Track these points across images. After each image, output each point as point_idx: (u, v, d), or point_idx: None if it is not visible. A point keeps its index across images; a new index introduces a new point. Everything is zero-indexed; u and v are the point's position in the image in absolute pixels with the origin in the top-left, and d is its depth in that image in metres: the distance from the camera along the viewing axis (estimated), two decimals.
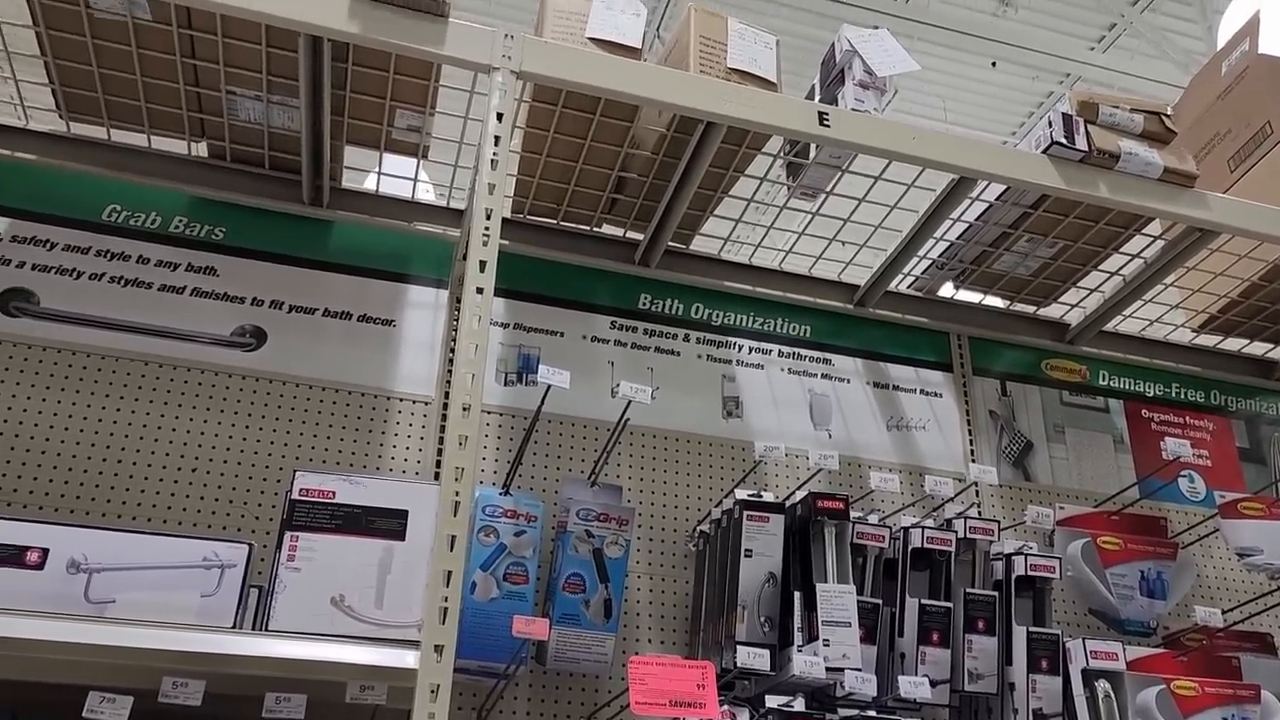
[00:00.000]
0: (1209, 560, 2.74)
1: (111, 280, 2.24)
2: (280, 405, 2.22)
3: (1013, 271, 2.75)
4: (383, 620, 1.57)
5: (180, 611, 1.52)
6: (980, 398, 2.82)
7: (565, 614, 2.04)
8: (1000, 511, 2.63)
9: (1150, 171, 2.30)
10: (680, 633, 2.28)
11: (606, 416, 2.42)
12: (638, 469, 2.42)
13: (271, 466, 2.15)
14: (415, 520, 1.65)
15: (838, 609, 1.95)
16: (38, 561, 1.50)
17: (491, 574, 2.01)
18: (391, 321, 2.39)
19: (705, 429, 2.52)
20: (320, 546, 1.60)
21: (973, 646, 2.05)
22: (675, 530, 2.38)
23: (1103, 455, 2.85)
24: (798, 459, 2.54)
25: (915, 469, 2.62)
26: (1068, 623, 2.51)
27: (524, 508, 2.08)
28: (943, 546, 2.11)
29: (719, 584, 2.09)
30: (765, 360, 2.68)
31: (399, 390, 2.31)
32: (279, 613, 1.54)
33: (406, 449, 2.26)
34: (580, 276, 2.60)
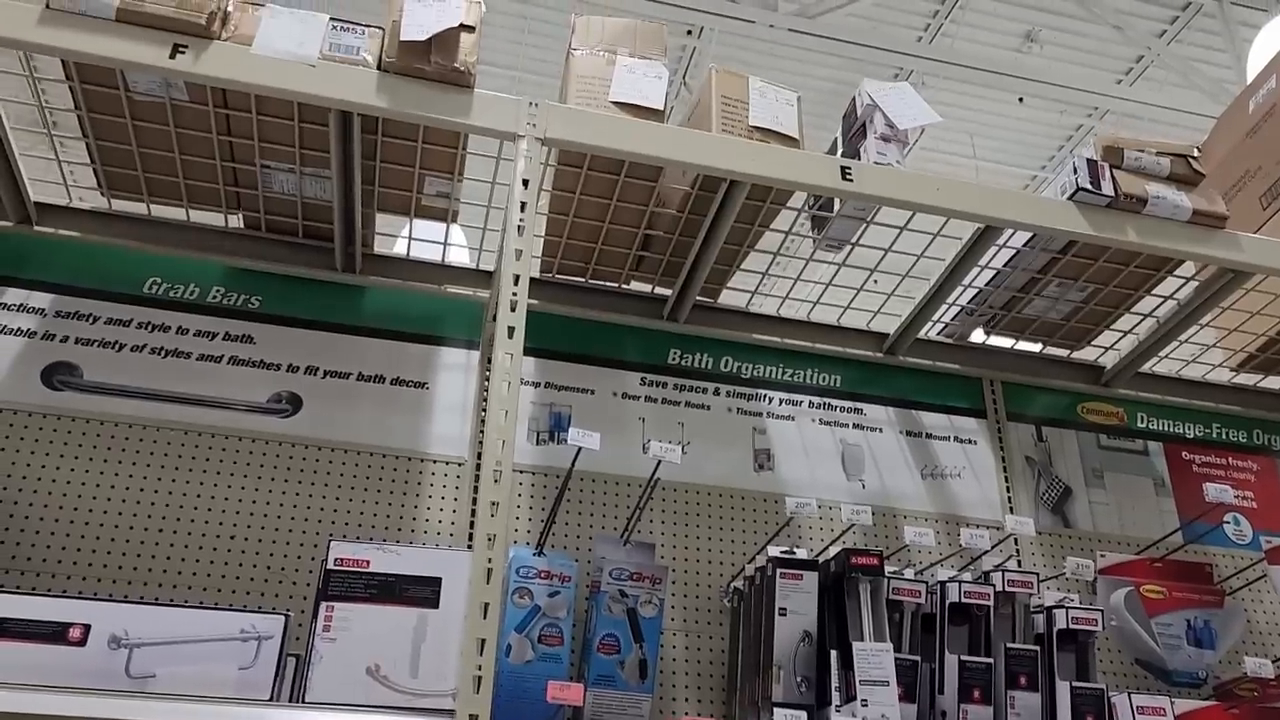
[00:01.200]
0: (1259, 606, 2.68)
1: (152, 351, 2.29)
2: (316, 470, 2.25)
3: (1044, 316, 2.73)
4: (418, 689, 1.58)
5: (219, 684, 1.54)
6: (1015, 443, 2.79)
7: (600, 675, 2.03)
8: (1040, 560, 2.59)
9: (1179, 214, 2.29)
10: (717, 690, 2.26)
11: (638, 473, 2.43)
12: (670, 525, 2.42)
13: (308, 532, 2.18)
14: (449, 587, 1.66)
15: (875, 668, 1.93)
16: (80, 638, 1.52)
17: (526, 636, 2.01)
18: (424, 384, 2.42)
19: (737, 482, 2.52)
20: (355, 616, 1.62)
21: (1016, 703, 2.02)
22: (709, 586, 2.37)
23: (1144, 499, 2.80)
24: (831, 510, 2.53)
25: (951, 518, 2.60)
26: (1113, 674, 2.46)
27: (558, 568, 2.09)
28: (981, 600, 2.08)
29: (754, 643, 2.08)
30: (796, 411, 2.67)
31: (432, 452, 2.34)
32: (316, 684, 1.56)
33: (441, 510, 2.28)
34: (610, 333, 2.63)
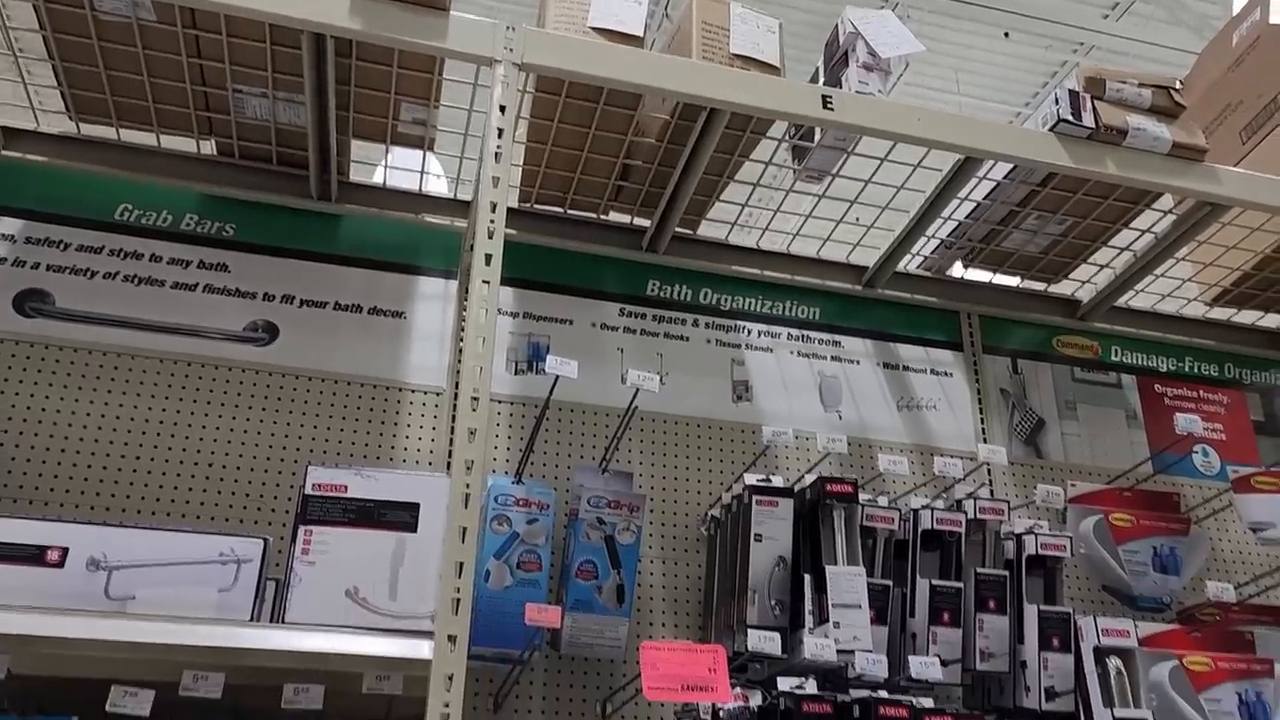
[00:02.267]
0: (1224, 535, 2.74)
1: (125, 279, 2.27)
2: (293, 399, 2.24)
3: (1022, 249, 2.74)
4: (397, 612, 1.59)
5: (198, 606, 1.55)
6: (991, 376, 2.82)
7: (578, 600, 2.06)
8: (1012, 489, 2.63)
9: (1159, 146, 2.29)
10: (693, 616, 2.30)
11: (616, 403, 2.44)
12: (648, 455, 2.44)
13: (286, 460, 2.18)
14: (427, 512, 1.67)
15: (848, 591, 1.96)
16: (58, 560, 1.53)
17: (505, 562, 2.03)
18: (402, 313, 2.41)
19: (715, 413, 2.54)
20: (334, 540, 1.63)
21: (984, 626, 2.07)
22: (687, 515, 2.40)
23: (1115, 431, 2.84)
24: (807, 442, 2.55)
25: (926, 449, 2.63)
26: (1081, 600, 2.52)
27: (536, 496, 2.10)
28: (953, 527, 2.12)
29: (730, 569, 2.11)
30: (774, 343, 2.68)
31: (410, 381, 2.34)
32: (295, 606, 1.57)
33: (419, 439, 2.29)
34: (588, 264, 2.62)
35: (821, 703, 1.85)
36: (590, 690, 2.18)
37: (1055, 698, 2.02)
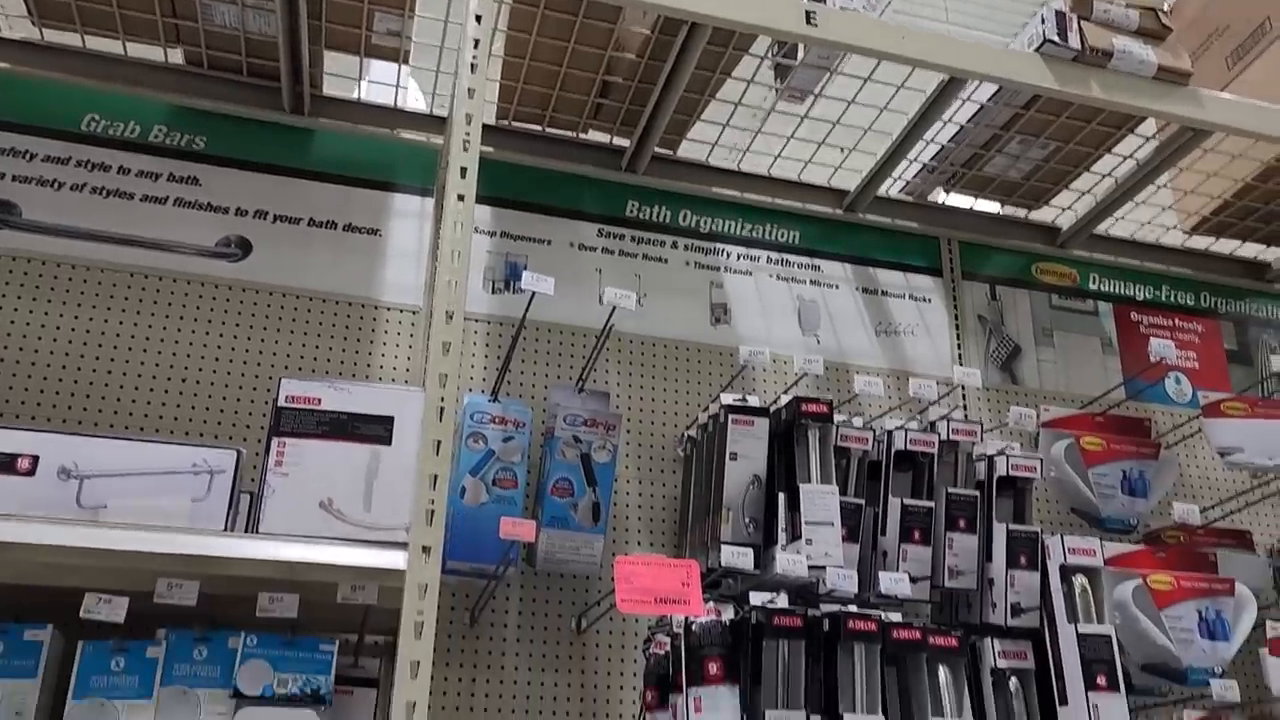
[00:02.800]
0: (1192, 460, 2.78)
1: (93, 191, 2.22)
2: (267, 315, 2.22)
3: (1004, 174, 2.72)
4: (371, 523, 1.60)
5: (171, 516, 1.55)
6: (969, 302, 2.82)
7: (554, 517, 2.08)
8: (985, 414, 2.66)
9: (1144, 70, 2.26)
10: (668, 535, 2.32)
11: (594, 323, 2.43)
12: (626, 376, 2.44)
13: (261, 376, 2.17)
14: (401, 426, 1.66)
15: (820, 509, 1.98)
16: (28, 469, 1.52)
17: (481, 479, 2.04)
18: (377, 231, 2.38)
19: (693, 335, 2.53)
20: (308, 452, 1.62)
21: (953, 544, 2.10)
22: (663, 436, 2.41)
23: (1090, 358, 2.86)
24: (784, 364, 2.56)
25: (902, 374, 2.64)
26: (1050, 522, 2.56)
27: (512, 414, 2.10)
28: (925, 448, 2.14)
29: (705, 487, 2.13)
30: (754, 267, 2.67)
31: (386, 300, 2.32)
32: (268, 516, 1.57)
33: (396, 358, 2.28)
34: (567, 184, 2.58)
35: (792, 616, 1.89)
36: (566, 606, 2.21)
37: (1021, 614, 2.06)
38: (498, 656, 2.14)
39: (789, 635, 1.88)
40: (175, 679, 1.58)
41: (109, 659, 1.57)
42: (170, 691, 1.57)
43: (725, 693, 1.85)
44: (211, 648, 1.61)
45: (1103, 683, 1.97)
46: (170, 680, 1.58)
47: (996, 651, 2.05)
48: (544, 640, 2.17)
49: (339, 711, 1.81)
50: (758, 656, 1.87)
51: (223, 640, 1.62)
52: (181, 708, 1.56)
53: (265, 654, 1.61)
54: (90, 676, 1.56)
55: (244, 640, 1.61)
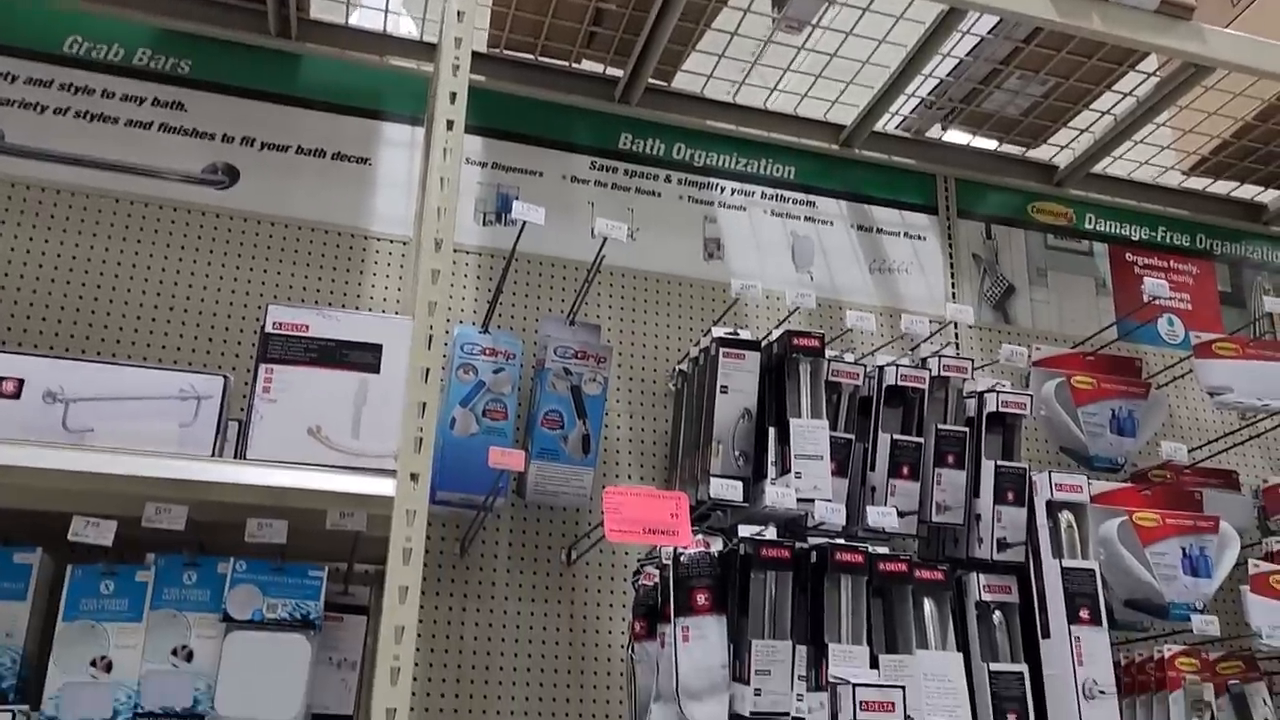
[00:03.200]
0: (1182, 401, 2.78)
1: (76, 115, 2.18)
2: (255, 244, 2.20)
3: (1002, 111, 2.69)
4: (359, 450, 1.59)
5: (159, 441, 1.54)
6: (964, 241, 2.80)
7: (544, 449, 2.08)
8: (977, 353, 2.65)
9: (1146, 3, 2.22)
10: (658, 470, 2.33)
11: (585, 257, 2.41)
12: (617, 310, 2.43)
13: (249, 305, 2.15)
14: (389, 354, 1.65)
15: (810, 443, 1.99)
16: (13, 391, 1.51)
17: (471, 410, 2.04)
18: (367, 160, 2.35)
19: (685, 270, 2.52)
20: (295, 379, 1.61)
21: (942, 480, 2.10)
22: (655, 370, 2.40)
23: (1084, 299, 2.86)
24: (777, 300, 2.54)
25: (896, 311, 2.63)
26: (1038, 461, 2.57)
27: (503, 345, 2.10)
28: (916, 384, 2.13)
29: (695, 420, 2.12)
30: (748, 202, 2.65)
31: (375, 230, 2.29)
32: (256, 442, 1.57)
33: (385, 289, 2.26)
34: (559, 114, 2.55)
35: (780, 548, 1.90)
36: (555, 538, 2.22)
37: (1006, 549, 2.08)
38: (487, 587, 2.15)
39: (777, 567, 1.89)
40: (165, 602, 1.59)
41: (98, 582, 1.57)
42: (160, 614, 1.58)
43: (712, 623, 1.87)
44: (201, 572, 1.62)
45: (1085, 616, 1.99)
46: (160, 604, 1.59)
47: (981, 585, 2.07)
48: (533, 571, 2.19)
49: (329, 638, 1.82)
50: (745, 588, 1.89)
51: (212, 565, 1.62)
52: (171, 630, 1.57)
53: (254, 579, 1.62)
54: (80, 599, 1.56)
55: (233, 565, 1.62)
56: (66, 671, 1.52)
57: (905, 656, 1.92)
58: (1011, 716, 1.96)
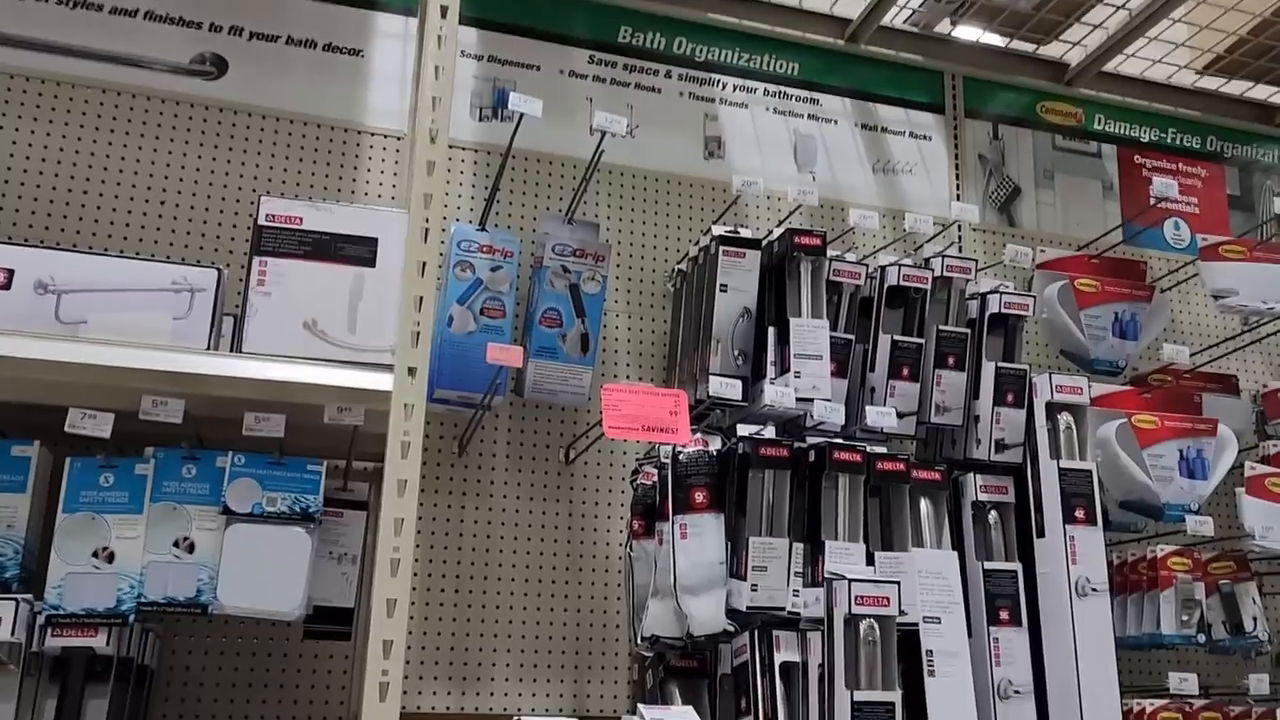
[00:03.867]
0: (1185, 306, 2.77)
1: (59, 1, 2.11)
2: (247, 137, 2.15)
3: (1014, 4, 2.61)
4: (356, 345, 1.58)
5: (152, 334, 1.52)
6: (970, 141, 2.75)
7: (542, 347, 2.07)
8: (982, 257, 2.62)
9: None
10: (657, 370, 2.32)
11: (584, 154, 2.34)
12: (615, 209, 2.39)
13: (241, 200, 2.11)
14: (385, 248, 1.62)
15: (810, 342, 1.97)
16: (4, 282, 1.48)
17: (468, 308, 2.02)
18: (359, 52, 2.28)
19: (685, 169, 2.47)
20: (290, 272, 1.59)
21: (941, 381, 2.10)
22: (654, 271, 2.38)
23: (1090, 202, 2.82)
24: (778, 201, 2.50)
25: (899, 213, 2.59)
26: (1038, 366, 2.56)
27: (500, 243, 2.07)
28: (918, 284, 2.11)
29: (695, 319, 2.11)
30: (750, 99, 2.58)
31: (370, 124, 2.24)
32: (252, 336, 1.55)
33: (380, 184, 2.22)
34: (557, 6, 2.47)
35: (779, 447, 1.90)
36: (554, 437, 2.22)
37: (1005, 450, 2.08)
38: (486, 485, 2.16)
39: (775, 466, 1.90)
40: (165, 495, 1.59)
41: (97, 475, 1.57)
42: (160, 507, 1.58)
43: (710, 520, 1.89)
44: (200, 466, 1.62)
45: (1081, 516, 2.00)
46: (160, 497, 1.59)
47: (978, 486, 2.08)
48: (532, 470, 2.20)
49: (330, 532, 1.84)
50: (743, 486, 1.89)
51: (211, 459, 1.62)
52: (172, 522, 1.58)
53: (253, 473, 1.62)
54: (79, 491, 1.56)
55: (232, 459, 1.61)
56: (69, 562, 1.53)
57: (901, 554, 1.94)
58: (1004, 613, 1.99)
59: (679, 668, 1.96)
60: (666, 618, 1.88)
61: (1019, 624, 1.99)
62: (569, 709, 2.09)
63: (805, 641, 1.82)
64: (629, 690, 2.12)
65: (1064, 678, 1.93)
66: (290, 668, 1.95)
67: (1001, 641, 1.97)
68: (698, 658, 1.96)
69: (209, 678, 1.91)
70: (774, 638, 1.82)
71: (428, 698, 2.02)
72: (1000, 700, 1.94)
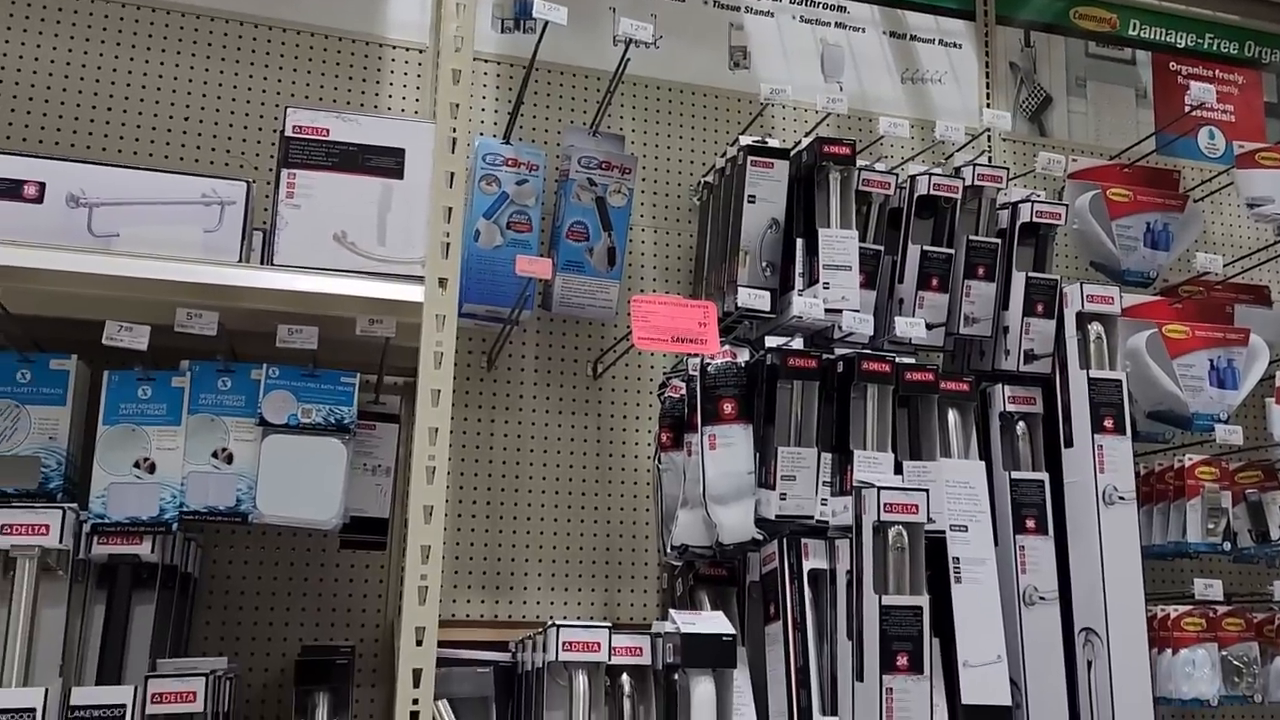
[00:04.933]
0: (1218, 216, 2.72)
1: None
2: (268, 51, 2.13)
3: None
4: (385, 256, 1.58)
5: (184, 246, 1.53)
6: (1001, 48, 2.68)
7: (569, 261, 2.06)
8: (1011, 167, 2.57)
9: None
10: (684, 285, 2.31)
11: (608, 66, 2.31)
12: (641, 121, 2.36)
13: (265, 114, 2.10)
14: (412, 159, 1.62)
15: (839, 253, 1.96)
16: (36, 195, 1.49)
17: (495, 222, 2.01)
18: None
19: (710, 80, 2.43)
20: (318, 184, 1.58)
21: (971, 292, 2.08)
22: (679, 184, 2.36)
23: (1123, 110, 2.76)
24: (804, 112, 2.46)
25: (927, 123, 2.54)
26: (1068, 278, 2.53)
27: (526, 157, 2.05)
28: (949, 194, 2.08)
29: (722, 231, 2.09)
30: (776, 8, 2.53)
31: (391, 37, 2.21)
32: (282, 249, 1.55)
33: (403, 98, 2.20)
34: None
35: (807, 358, 1.90)
36: (582, 350, 2.23)
37: (1034, 360, 2.08)
38: (515, 399, 2.18)
39: (803, 376, 1.90)
40: (202, 407, 1.61)
41: (135, 388, 1.59)
42: (198, 419, 1.61)
43: (739, 431, 1.90)
44: (235, 379, 1.63)
45: (1110, 425, 2.00)
46: (197, 408, 1.61)
47: (1006, 396, 2.08)
48: (560, 384, 2.21)
49: (364, 444, 1.87)
50: (772, 397, 1.90)
51: (245, 371, 1.64)
52: (210, 434, 1.60)
53: (288, 385, 1.64)
54: (118, 404, 1.59)
55: (266, 372, 1.63)
56: (111, 472, 1.56)
57: (929, 464, 1.95)
58: (1030, 522, 2.01)
59: (708, 576, 1.99)
60: (696, 527, 1.90)
61: (1045, 532, 2.00)
62: (599, 616, 2.13)
63: (833, 549, 1.84)
64: (658, 598, 2.17)
65: (1090, 584, 1.96)
66: (327, 576, 2.00)
67: (1027, 549, 1.99)
68: (726, 566, 1.99)
69: (249, 586, 1.96)
70: (802, 545, 1.85)
71: (462, 605, 2.07)
72: (1025, 606, 1.97)
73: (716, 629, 1.65)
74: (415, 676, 1.43)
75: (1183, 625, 2.04)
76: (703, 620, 1.70)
